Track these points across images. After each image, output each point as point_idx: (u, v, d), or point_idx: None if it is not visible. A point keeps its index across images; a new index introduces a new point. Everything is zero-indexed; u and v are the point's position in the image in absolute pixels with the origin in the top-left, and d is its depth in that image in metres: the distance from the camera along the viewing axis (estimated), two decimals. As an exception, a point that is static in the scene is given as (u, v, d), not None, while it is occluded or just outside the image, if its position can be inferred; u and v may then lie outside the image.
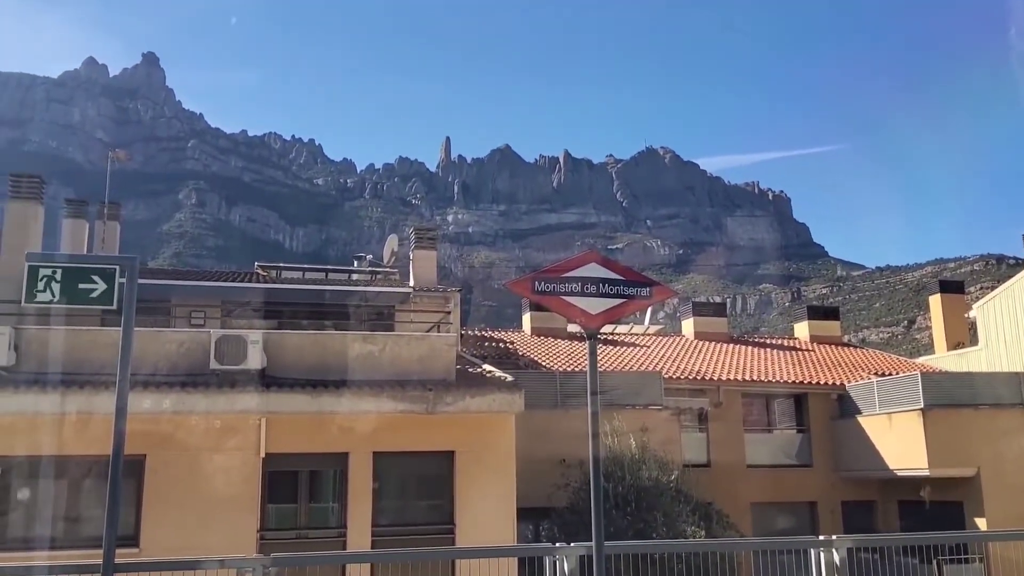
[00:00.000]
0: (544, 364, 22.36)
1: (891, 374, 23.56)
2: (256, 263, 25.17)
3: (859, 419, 21.85)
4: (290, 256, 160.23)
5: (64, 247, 20.77)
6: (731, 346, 27.04)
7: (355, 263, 26.47)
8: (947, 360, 28.05)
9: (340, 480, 13.56)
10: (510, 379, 14.90)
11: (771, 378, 23.16)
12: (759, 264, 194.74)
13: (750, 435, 22.91)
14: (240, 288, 19.20)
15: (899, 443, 20.29)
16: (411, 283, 20.96)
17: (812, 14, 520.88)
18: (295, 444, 13.34)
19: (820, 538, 7.95)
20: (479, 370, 15.91)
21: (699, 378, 22.28)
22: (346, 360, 13.83)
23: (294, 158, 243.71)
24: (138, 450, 12.09)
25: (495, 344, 24.76)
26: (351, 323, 18.03)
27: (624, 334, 28.30)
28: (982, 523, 18.66)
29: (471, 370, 15.72)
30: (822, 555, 7.42)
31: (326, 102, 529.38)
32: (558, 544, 7.29)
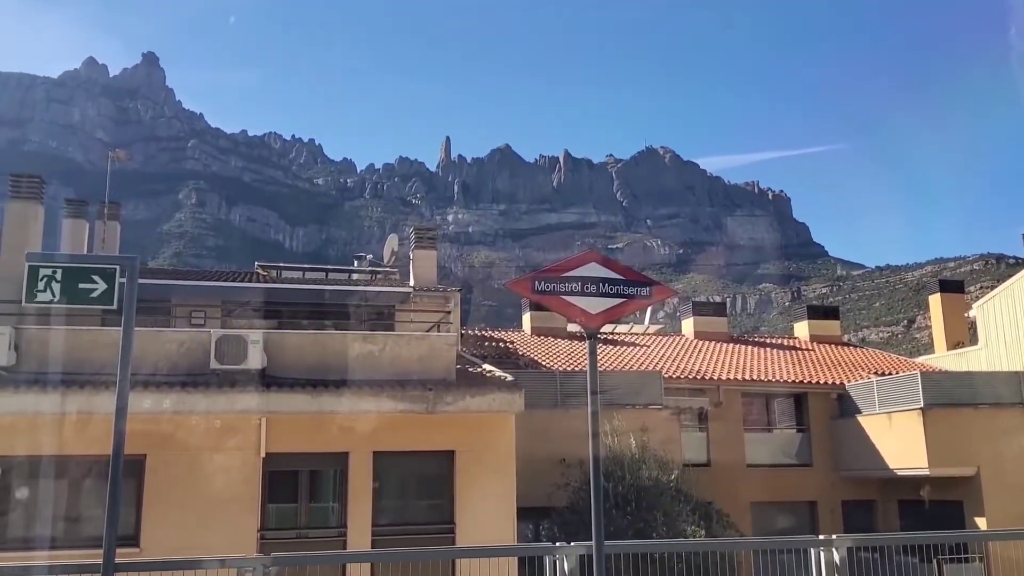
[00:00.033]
0: (544, 364, 22.36)
1: (891, 374, 23.56)
2: (256, 263, 25.20)
3: (859, 419, 21.85)
4: (290, 256, 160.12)
5: (64, 247, 20.77)
6: (731, 346, 27.04)
7: (355, 263, 26.50)
8: (947, 360, 28.06)
9: (340, 480, 13.57)
10: (510, 379, 14.90)
11: (771, 378, 23.16)
12: (759, 264, 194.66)
13: (750, 435, 22.91)
14: (240, 288, 19.20)
15: (899, 443, 20.29)
16: (411, 283, 20.96)
17: (812, 14, 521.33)
18: (295, 444, 13.35)
19: (820, 538, 7.96)
20: (479, 370, 15.91)
21: (699, 378, 22.29)
22: (346, 360, 13.83)
23: (294, 158, 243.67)
24: (138, 450, 12.10)
25: (495, 344, 24.75)
26: (351, 323, 18.04)
27: (624, 334, 28.30)
28: (982, 522, 18.66)
29: (471, 370, 15.72)
30: (822, 554, 7.43)
31: (326, 102, 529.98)
32: (558, 544, 7.29)
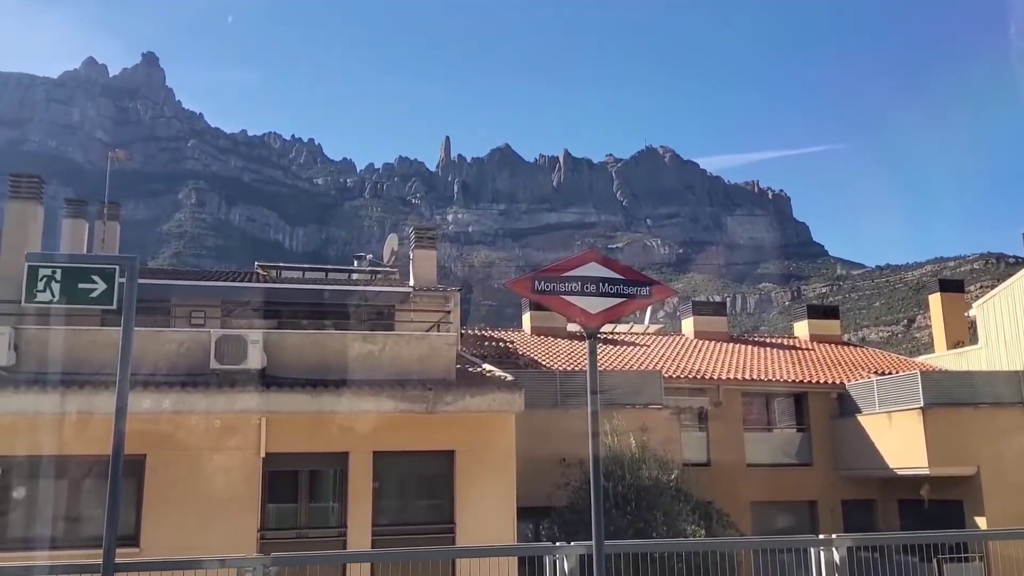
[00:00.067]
0: (544, 363, 22.36)
1: (891, 373, 23.55)
2: (256, 263, 25.19)
3: (859, 418, 21.85)
4: (290, 256, 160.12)
5: (64, 247, 20.76)
6: (731, 345, 27.03)
7: (355, 263, 26.49)
8: (947, 359, 28.07)
9: (340, 480, 13.57)
10: (510, 378, 14.90)
11: (771, 377, 23.16)
12: (759, 263, 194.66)
13: (750, 434, 22.91)
14: (240, 288, 19.20)
15: (899, 442, 20.29)
16: (411, 283, 20.95)
17: (812, 14, 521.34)
18: (295, 444, 13.35)
19: (820, 537, 7.96)
20: (479, 369, 15.90)
21: (699, 377, 22.28)
22: (346, 360, 13.83)
23: (294, 158, 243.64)
24: (138, 450, 12.10)
25: (495, 344, 24.75)
26: (351, 323, 18.03)
27: (624, 333, 28.29)
28: (982, 522, 18.66)
29: (471, 369, 15.71)
30: (822, 554, 7.42)
31: (326, 102, 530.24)
32: (558, 543, 7.29)
